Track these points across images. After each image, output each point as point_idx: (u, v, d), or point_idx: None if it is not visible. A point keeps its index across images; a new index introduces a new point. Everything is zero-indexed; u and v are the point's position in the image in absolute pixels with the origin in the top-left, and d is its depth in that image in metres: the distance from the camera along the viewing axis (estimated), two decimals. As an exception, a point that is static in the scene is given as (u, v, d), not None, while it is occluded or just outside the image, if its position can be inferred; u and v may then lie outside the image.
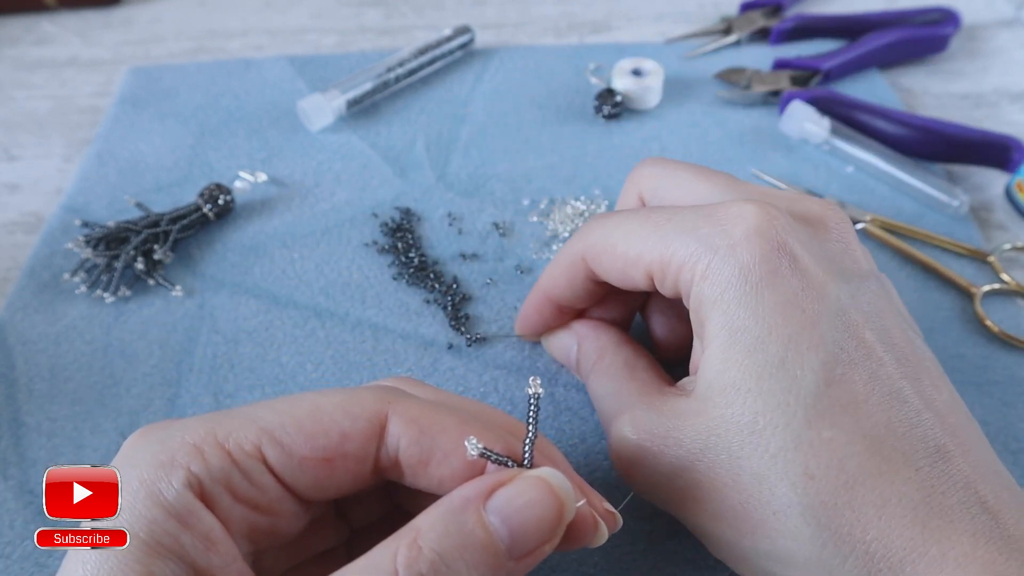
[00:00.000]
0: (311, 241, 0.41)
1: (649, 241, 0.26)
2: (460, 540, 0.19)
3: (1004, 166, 0.43)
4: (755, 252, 0.24)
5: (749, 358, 0.23)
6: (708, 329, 0.24)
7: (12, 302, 0.38)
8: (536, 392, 0.22)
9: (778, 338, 0.23)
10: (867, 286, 0.25)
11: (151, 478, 0.20)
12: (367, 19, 0.59)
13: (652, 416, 0.26)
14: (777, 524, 0.22)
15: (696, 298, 0.25)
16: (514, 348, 0.36)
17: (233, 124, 0.49)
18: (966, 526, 0.20)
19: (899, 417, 0.22)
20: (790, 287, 0.24)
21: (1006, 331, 0.35)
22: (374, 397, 0.23)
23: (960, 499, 0.21)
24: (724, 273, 0.24)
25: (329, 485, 0.22)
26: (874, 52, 0.51)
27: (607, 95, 0.48)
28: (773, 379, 0.23)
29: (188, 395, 0.34)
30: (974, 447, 0.23)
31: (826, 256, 0.25)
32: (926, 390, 0.23)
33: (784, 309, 0.23)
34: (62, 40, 0.58)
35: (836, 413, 0.22)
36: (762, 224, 0.24)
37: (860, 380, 0.23)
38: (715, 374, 0.24)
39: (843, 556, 0.21)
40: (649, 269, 0.26)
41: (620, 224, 0.28)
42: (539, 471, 0.21)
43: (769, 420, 0.22)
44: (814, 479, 0.22)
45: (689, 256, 0.25)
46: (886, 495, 0.21)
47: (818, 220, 0.27)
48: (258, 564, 0.23)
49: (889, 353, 0.23)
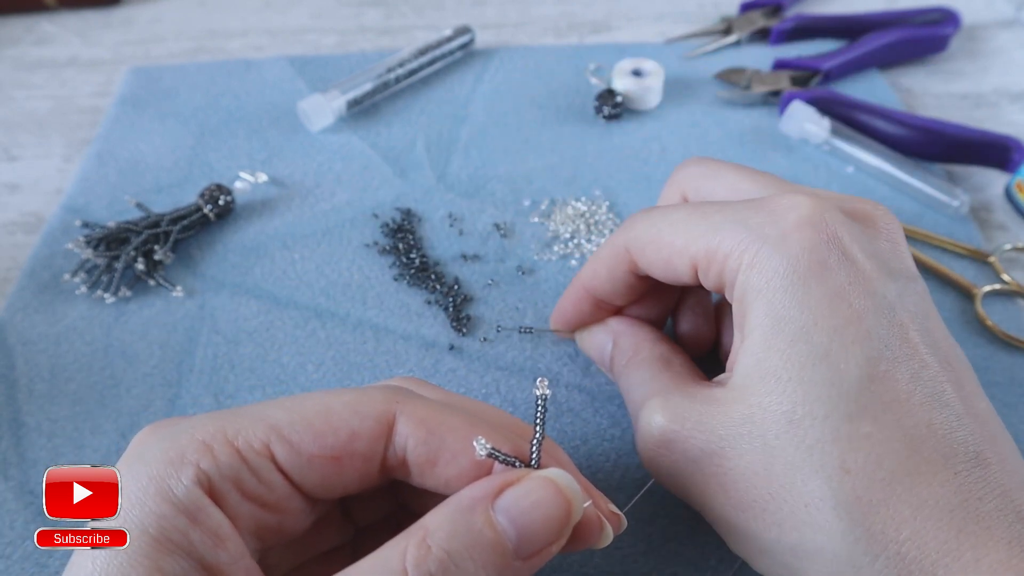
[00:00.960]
0: (312, 242, 0.41)
1: (697, 231, 0.26)
2: (469, 539, 0.19)
3: (1004, 166, 0.43)
4: (805, 243, 0.24)
5: (792, 347, 0.23)
6: (751, 318, 0.24)
7: (12, 302, 0.38)
8: (543, 393, 0.22)
9: (823, 329, 0.23)
10: (913, 287, 0.25)
11: (161, 474, 0.20)
12: (367, 19, 0.59)
13: (685, 401, 0.25)
14: (807, 517, 0.22)
15: (741, 287, 0.25)
16: (515, 349, 0.36)
17: (233, 124, 0.48)
18: (1002, 534, 0.20)
19: (940, 419, 0.22)
20: (839, 280, 0.23)
21: (1007, 332, 0.36)
22: (383, 397, 0.23)
23: (997, 506, 0.21)
24: (772, 262, 0.24)
25: (336, 484, 0.22)
26: (874, 52, 0.51)
27: (607, 95, 0.48)
28: (815, 370, 0.22)
29: (188, 396, 0.34)
30: (1010, 457, 0.23)
31: (875, 254, 0.25)
32: (967, 395, 0.23)
33: (831, 301, 0.23)
34: (62, 40, 0.58)
35: (877, 409, 0.22)
36: (814, 215, 0.24)
37: (903, 378, 0.22)
38: (756, 361, 0.24)
39: (874, 555, 0.21)
40: (695, 259, 0.26)
41: (666, 215, 0.27)
42: (547, 472, 0.21)
43: (808, 411, 0.22)
44: (850, 474, 0.21)
45: (737, 245, 0.25)
46: (923, 496, 0.21)
47: (868, 218, 0.26)
48: (264, 562, 0.23)
49: (933, 355, 0.23)
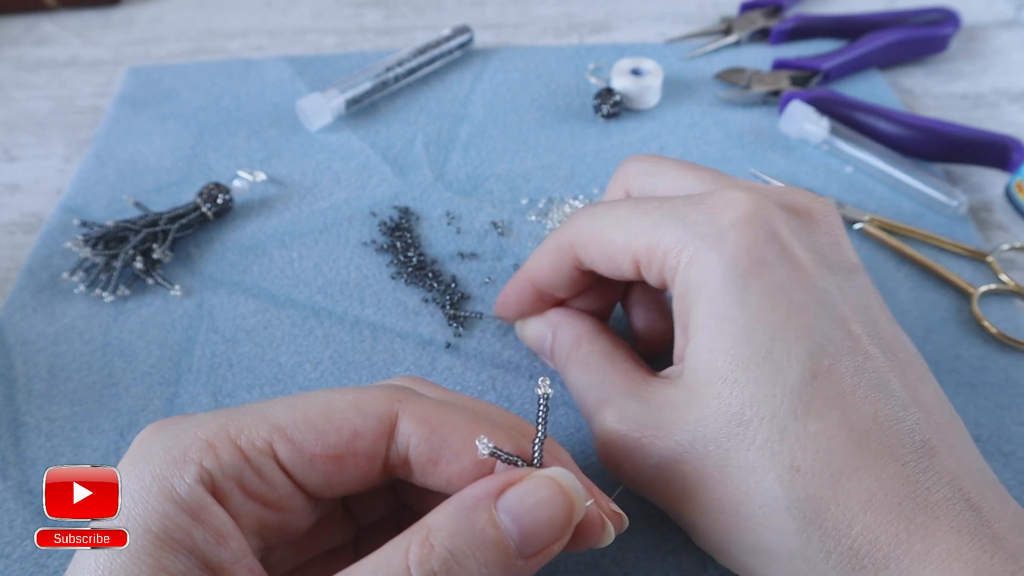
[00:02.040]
0: (310, 240, 0.41)
1: (637, 228, 0.26)
2: (471, 538, 0.19)
3: (1004, 166, 0.43)
4: (743, 240, 0.24)
5: (736, 348, 0.23)
6: (694, 318, 0.24)
7: (11, 302, 0.38)
8: (546, 392, 0.22)
9: (765, 328, 0.23)
10: (854, 279, 0.25)
11: (164, 473, 0.20)
12: (367, 19, 0.59)
13: (639, 407, 0.25)
14: (762, 518, 0.22)
15: (681, 286, 0.25)
16: (512, 347, 0.36)
17: (233, 124, 0.49)
18: (951, 522, 0.20)
19: (885, 411, 0.22)
20: (778, 276, 0.23)
21: (1004, 332, 0.36)
22: (385, 396, 0.23)
23: (945, 495, 0.21)
24: (711, 261, 0.24)
25: (339, 482, 0.22)
26: (874, 52, 0.51)
27: (606, 94, 0.48)
28: (759, 369, 0.22)
29: (187, 395, 0.34)
30: (959, 444, 0.23)
31: (815, 247, 0.25)
32: (913, 384, 0.23)
33: (771, 298, 0.23)
34: (62, 40, 0.58)
35: (822, 405, 0.22)
36: (751, 212, 0.24)
37: (847, 372, 0.22)
38: (702, 364, 0.24)
39: (827, 551, 0.21)
40: (636, 256, 0.26)
41: (608, 211, 0.27)
42: (549, 470, 0.21)
43: (756, 411, 0.22)
44: (800, 472, 0.21)
45: (675, 243, 0.25)
46: (872, 490, 0.21)
47: (806, 212, 0.26)
48: (266, 561, 0.23)
49: (876, 346, 0.23)
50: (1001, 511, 0.21)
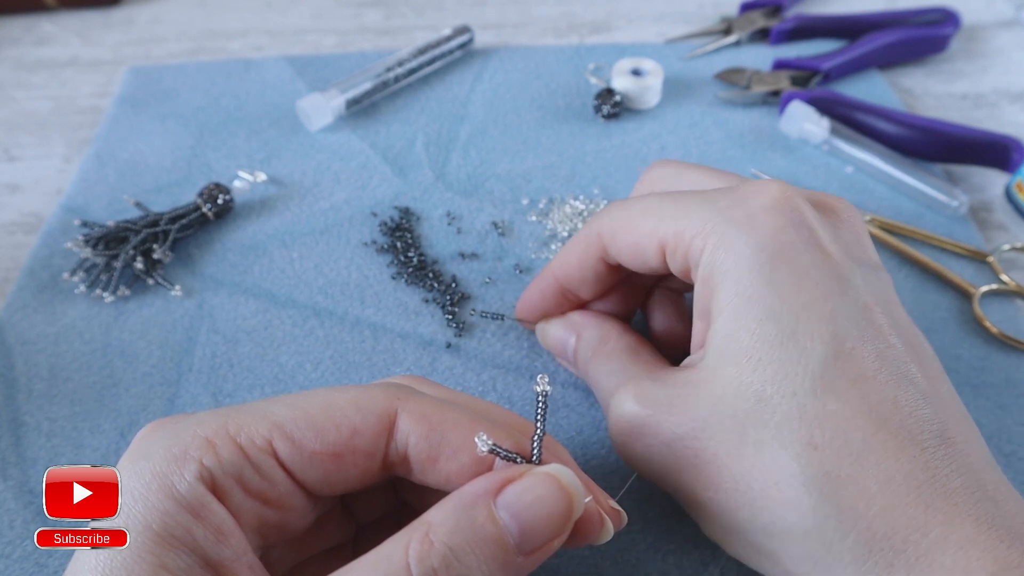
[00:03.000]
0: (310, 240, 0.41)
1: (666, 213, 0.26)
2: (471, 534, 0.20)
3: (1004, 166, 0.43)
4: (773, 224, 0.24)
5: (762, 327, 0.23)
6: (719, 298, 0.24)
7: (11, 302, 0.38)
8: (544, 390, 0.22)
9: (791, 308, 0.23)
10: (877, 275, 0.25)
11: (164, 471, 0.20)
12: (367, 19, 0.59)
13: (655, 386, 0.26)
14: (778, 495, 0.22)
15: (707, 267, 0.25)
16: (512, 347, 0.36)
17: (233, 124, 0.49)
18: (970, 510, 0.20)
19: (905, 397, 0.22)
20: (806, 260, 0.24)
21: (1004, 332, 0.36)
22: (384, 394, 0.23)
23: (964, 483, 0.21)
24: (740, 242, 0.24)
25: (338, 480, 0.22)
26: (874, 52, 0.51)
27: (606, 94, 0.48)
28: (784, 348, 0.23)
29: (187, 395, 0.34)
30: (974, 438, 0.23)
31: (840, 240, 0.25)
32: (931, 377, 0.23)
33: (799, 280, 0.23)
34: (62, 40, 0.58)
35: (843, 386, 0.22)
36: (781, 199, 0.25)
37: (869, 356, 0.23)
38: (726, 342, 0.24)
39: (844, 531, 0.21)
40: (663, 242, 0.26)
41: (639, 201, 0.28)
42: (548, 467, 0.21)
43: (777, 389, 0.22)
44: (818, 449, 0.21)
45: (703, 226, 0.25)
46: (890, 471, 0.21)
47: (832, 209, 0.27)
48: (266, 559, 0.23)
49: (897, 337, 0.24)
50: (1016, 506, 0.21)
